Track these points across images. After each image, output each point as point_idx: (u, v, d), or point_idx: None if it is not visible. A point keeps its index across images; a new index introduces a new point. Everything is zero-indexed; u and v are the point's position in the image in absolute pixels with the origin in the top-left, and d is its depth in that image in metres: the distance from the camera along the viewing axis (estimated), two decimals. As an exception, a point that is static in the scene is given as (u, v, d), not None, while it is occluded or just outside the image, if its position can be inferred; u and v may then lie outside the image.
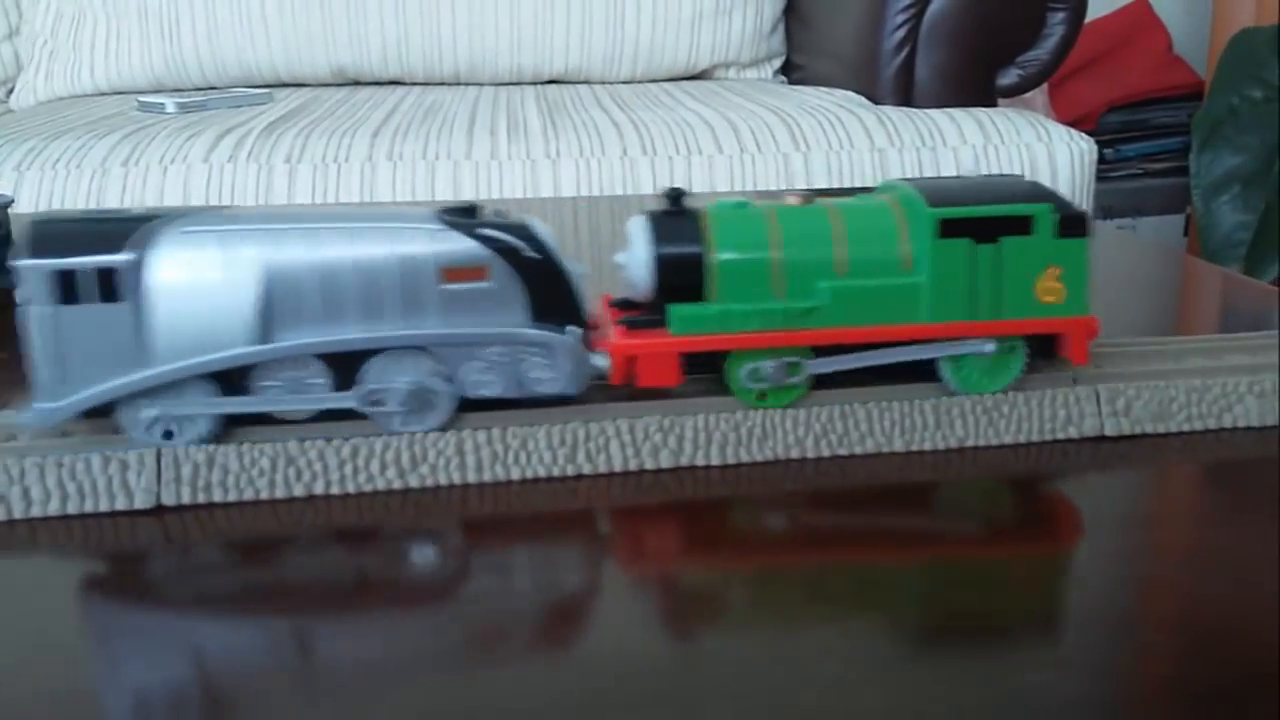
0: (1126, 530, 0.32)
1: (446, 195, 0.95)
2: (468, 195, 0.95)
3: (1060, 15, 1.13)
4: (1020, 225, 0.37)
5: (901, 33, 1.13)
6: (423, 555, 0.30)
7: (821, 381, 0.38)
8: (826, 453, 0.37)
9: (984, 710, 0.24)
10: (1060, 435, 0.38)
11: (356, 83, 1.38)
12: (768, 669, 0.25)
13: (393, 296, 0.34)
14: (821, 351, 0.37)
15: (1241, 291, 0.56)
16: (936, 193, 0.37)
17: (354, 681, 0.25)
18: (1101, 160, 1.65)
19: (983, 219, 0.37)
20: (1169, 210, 1.62)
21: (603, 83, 1.37)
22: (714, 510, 0.33)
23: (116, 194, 0.93)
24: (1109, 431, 0.38)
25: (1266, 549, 0.31)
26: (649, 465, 0.36)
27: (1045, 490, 0.35)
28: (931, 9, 1.12)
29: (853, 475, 0.36)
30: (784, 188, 0.98)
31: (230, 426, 0.35)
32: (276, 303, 0.34)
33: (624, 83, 1.37)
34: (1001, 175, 0.39)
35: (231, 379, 0.34)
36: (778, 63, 1.42)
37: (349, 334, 0.34)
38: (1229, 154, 1.22)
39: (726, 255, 0.37)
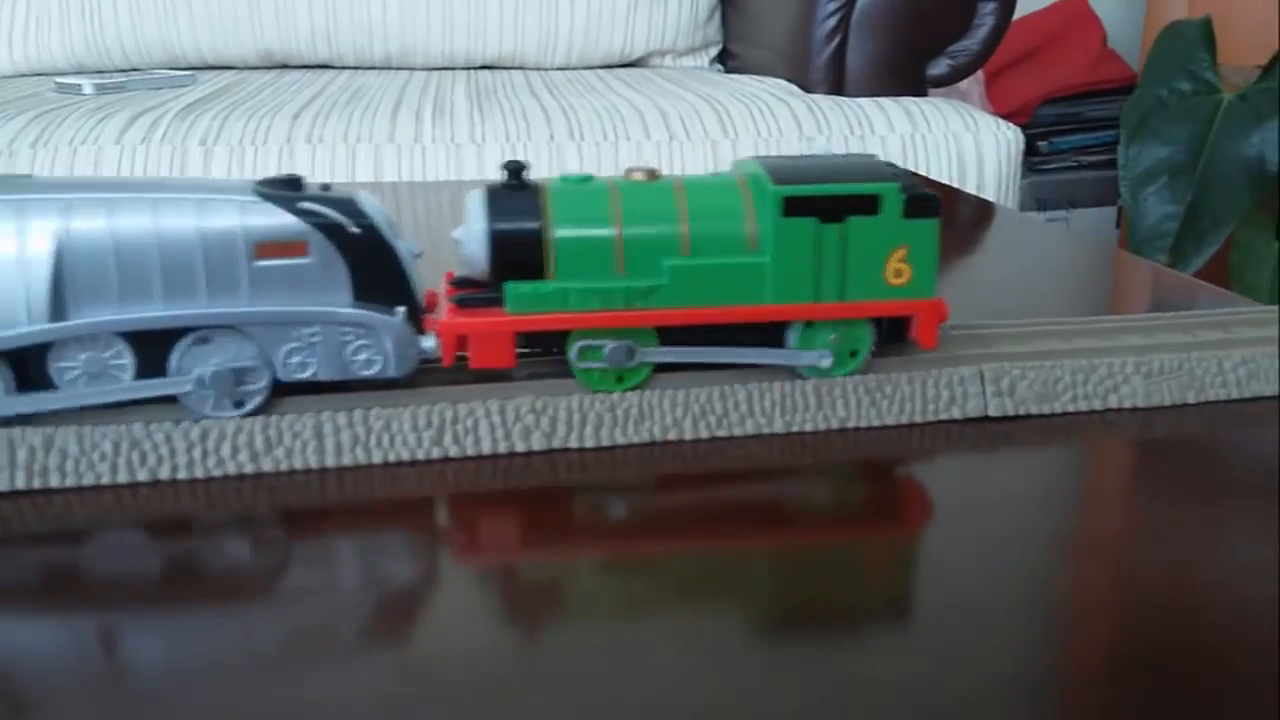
0: (992, 513, 0.31)
1: (368, 178, 0.93)
2: (389, 178, 0.94)
3: (990, 6, 1.13)
4: (867, 205, 0.36)
5: (833, 21, 1.12)
6: (263, 545, 0.29)
7: (667, 365, 0.37)
8: (705, 434, 0.36)
9: (827, 699, 0.23)
10: (944, 416, 0.37)
11: (285, 66, 1.36)
12: (611, 660, 0.24)
13: (201, 272, 0.32)
14: (665, 333, 0.36)
15: (1160, 282, 0.56)
16: (784, 171, 0.36)
17: (170, 681, 0.23)
18: (1036, 153, 1.67)
19: (829, 198, 0.36)
20: (1102, 202, 1.64)
21: (537, 69, 1.36)
22: (577, 495, 0.32)
23: (22, 175, 0.90)
24: (993, 412, 0.38)
25: (1140, 533, 0.30)
26: (520, 448, 0.35)
27: (915, 473, 0.34)
28: (863, -2, 1.12)
29: (730, 458, 0.35)
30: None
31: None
32: (72, 278, 0.31)
33: (558, 69, 1.35)
34: (857, 155, 0.38)
35: (27, 360, 0.32)
36: (714, 51, 1.42)
37: (152, 312, 0.32)
38: (1157, 146, 1.23)
39: (565, 231, 0.35)
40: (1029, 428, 0.37)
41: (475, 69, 1.35)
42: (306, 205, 0.33)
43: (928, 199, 0.36)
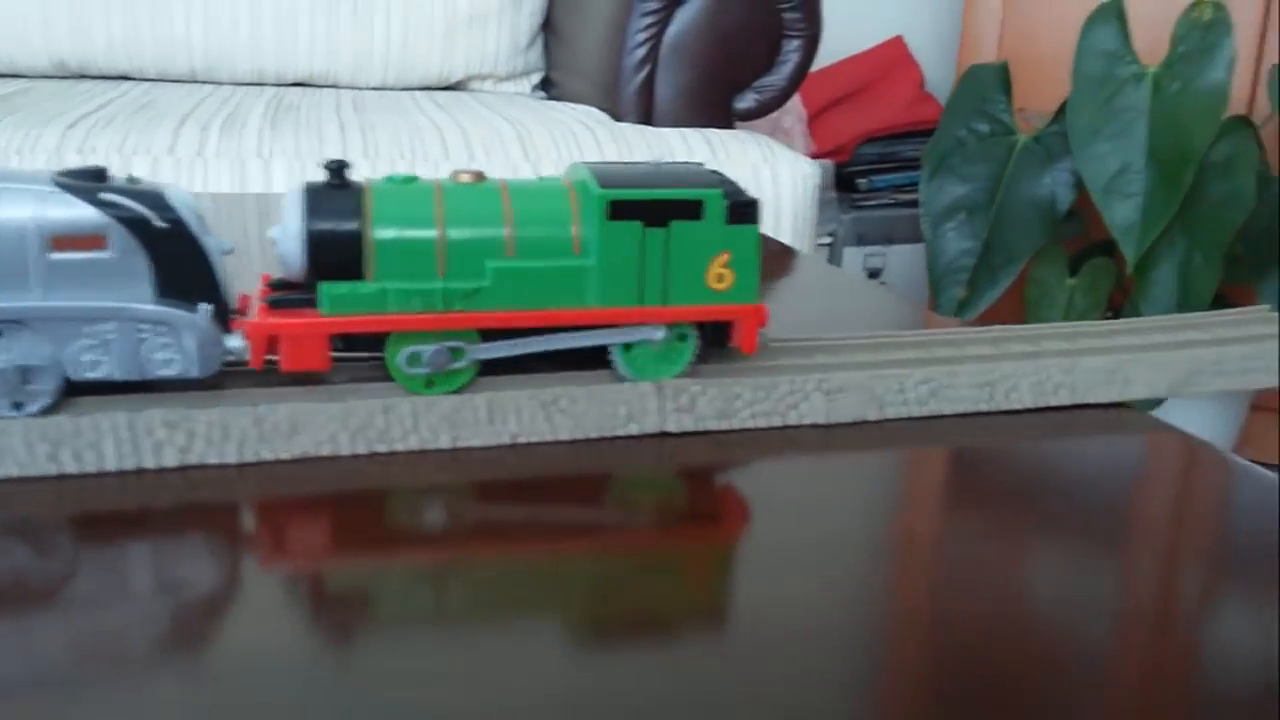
0: (616, 535, 0.31)
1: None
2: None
3: (796, 43, 1.16)
4: (691, 210, 0.36)
5: (642, 52, 1.13)
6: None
7: (490, 367, 0.36)
8: (364, 449, 0.34)
9: None
10: (621, 432, 0.37)
11: (83, 76, 1.29)
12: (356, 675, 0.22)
13: None
14: (491, 336, 0.36)
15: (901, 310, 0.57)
16: (610, 176, 0.36)
17: None
18: (856, 190, 1.72)
19: (653, 202, 0.36)
20: (919, 239, 1.69)
21: (351, 88, 1.33)
22: (352, 503, 0.30)
23: None
24: (671, 428, 0.37)
25: (786, 549, 0.30)
26: (149, 465, 0.32)
27: (563, 492, 0.33)
28: (671, 30, 1.13)
29: (390, 474, 0.33)
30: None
31: None
32: None
33: (373, 89, 1.33)
34: (684, 163, 0.39)
35: None
36: (536, 78, 1.41)
37: None
38: (955, 184, 1.28)
39: (385, 232, 0.34)
40: (705, 443, 0.37)
41: (286, 86, 1.31)
42: (108, 197, 0.32)
43: (749, 205, 0.37)
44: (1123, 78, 1.20)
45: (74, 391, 0.33)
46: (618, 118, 1.15)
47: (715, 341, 0.38)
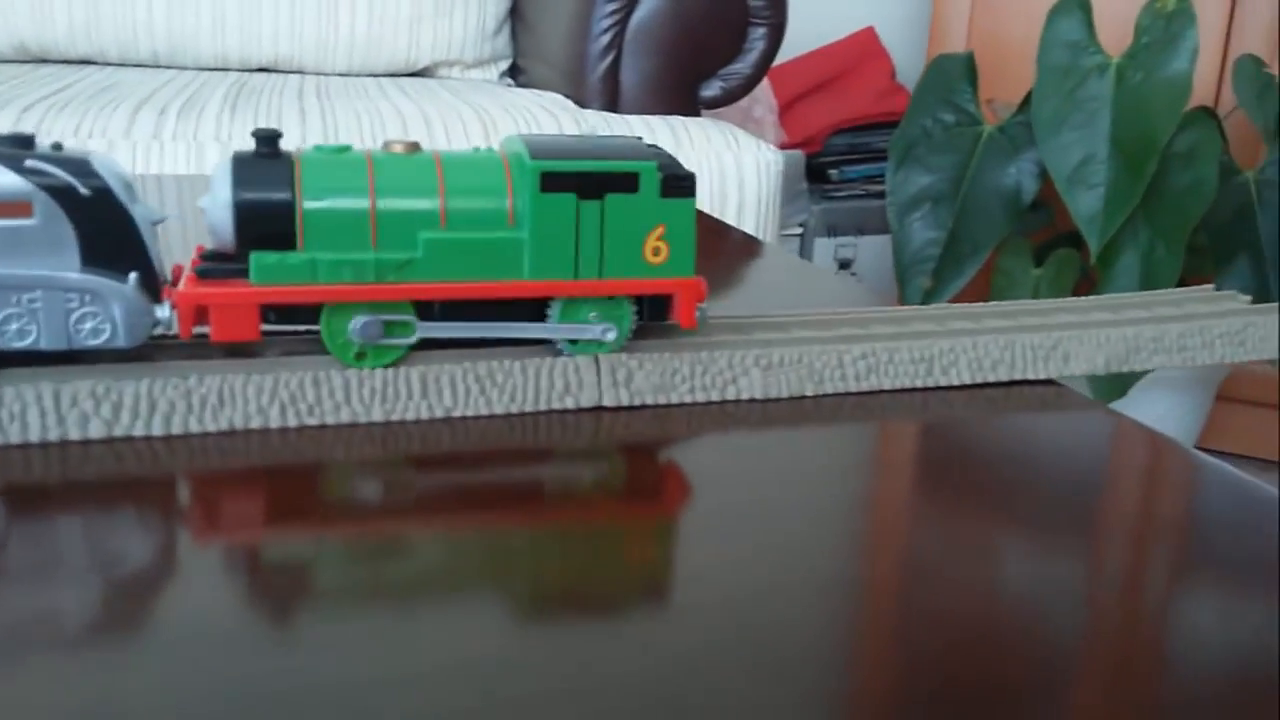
0: (545, 508, 0.31)
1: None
2: (123, 177, 0.89)
3: (761, 31, 1.16)
4: (626, 182, 0.36)
5: (606, 39, 1.13)
6: None
7: (428, 342, 0.36)
8: (294, 423, 0.34)
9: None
10: (557, 406, 0.37)
11: (44, 60, 1.28)
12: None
13: None
14: (427, 310, 0.36)
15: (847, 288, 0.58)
16: (544, 148, 0.36)
17: None
18: (827, 180, 1.72)
19: (587, 174, 0.35)
20: (888, 229, 1.70)
21: (317, 74, 1.32)
22: (282, 477, 0.30)
23: None
24: (608, 402, 0.37)
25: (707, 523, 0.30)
26: (74, 436, 0.32)
27: (498, 466, 0.33)
28: (635, 17, 1.13)
29: (319, 448, 0.33)
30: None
31: None
32: None
33: (339, 75, 1.32)
34: (620, 137, 0.38)
35: None
36: (504, 65, 1.41)
37: None
38: (921, 174, 1.28)
39: (315, 203, 0.34)
40: (642, 418, 0.37)
41: (250, 71, 1.30)
42: (33, 164, 0.31)
43: (684, 178, 0.36)
44: (1086, 68, 1.21)
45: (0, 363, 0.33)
46: (583, 104, 1.15)
47: (653, 316, 0.38)
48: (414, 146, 0.36)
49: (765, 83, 1.70)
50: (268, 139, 0.34)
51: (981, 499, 0.32)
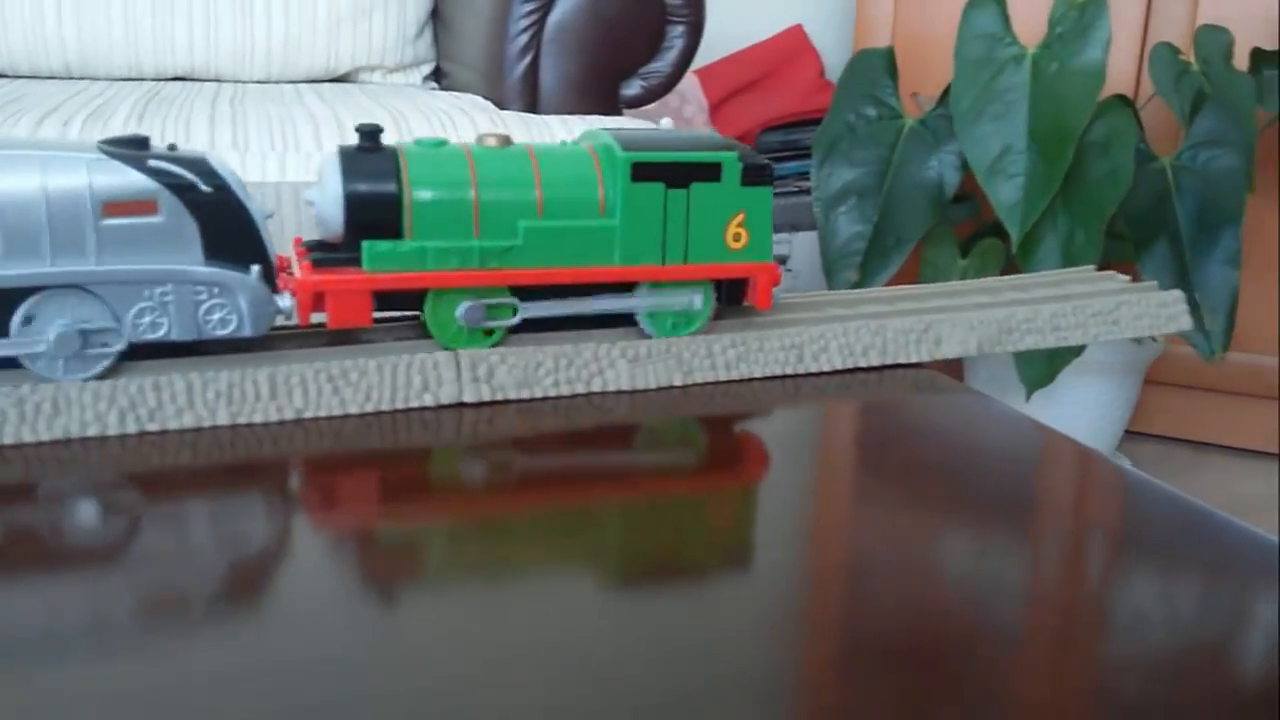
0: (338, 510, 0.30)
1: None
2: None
3: (680, 29, 1.16)
4: (710, 172, 0.38)
5: (524, 39, 1.12)
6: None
7: (518, 326, 0.38)
8: (134, 429, 0.33)
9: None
10: (415, 403, 0.36)
11: (-50, 74, 1.25)
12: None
13: (45, 231, 0.32)
14: (523, 295, 0.37)
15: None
16: (631, 141, 0.38)
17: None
18: (759, 177, 1.72)
19: (674, 164, 0.37)
20: (821, 226, 1.71)
21: (235, 81, 1.30)
22: (111, 489, 0.29)
23: None
24: (468, 398, 0.37)
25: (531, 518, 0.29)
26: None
27: (346, 468, 0.33)
28: (552, 17, 1.12)
29: (170, 452, 0.32)
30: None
31: None
32: None
33: (257, 83, 1.30)
34: (697, 130, 0.40)
35: None
36: (427, 69, 1.40)
37: None
38: (845, 168, 1.29)
39: (423, 193, 0.35)
40: (505, 413, 0.36)
41: (165, 80, 1.28)
42: (155, 164, 0.33)
43: (764, 168, 0.39)
44: (1003, 59, 1.22)
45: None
46: (502, 106, 1.14)
47: (730, 300, 0.40)
48: (505, 140, 0.38)
49: (695, 81, 1.70)
50: (370, 133, 0.36)
51: (846, 482, 0.32)
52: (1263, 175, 1.46)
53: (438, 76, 1.41)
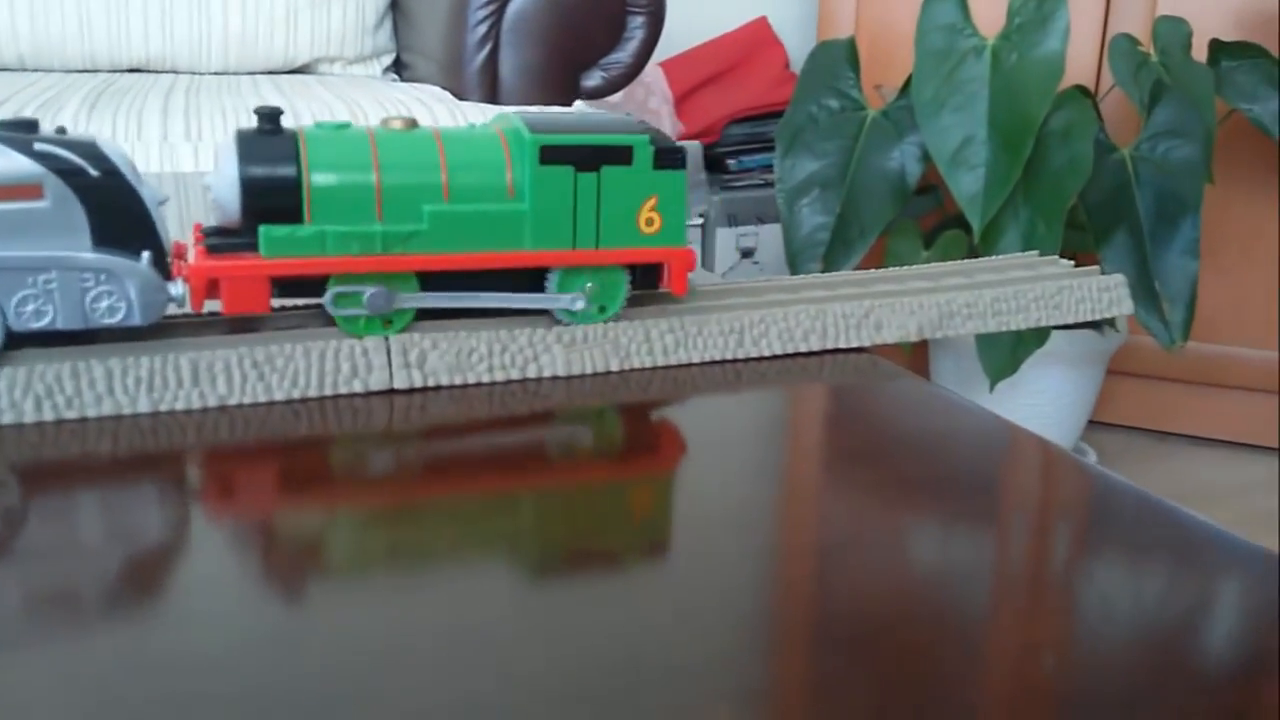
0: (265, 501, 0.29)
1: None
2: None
3: (640, 19, 1.15)
4: (621, 155, 0.37)
5: (483, 29, 1.12)
6: None
7: (427, 313, 0.37)
8: (51, 417, 0.32)
9: None
10: (344, 390, 0.36)
11: (-101, 65, 1.23)
12: None
13: None
14: (427, 281, 0.37)
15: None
16: (540, 123, 0.37)
17: None
18: (726, 170, 1.72)
19: (584, 147, 0.37)
20: (787, 218, 1.71)
21: (191, 73, 1.28)
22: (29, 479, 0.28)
23: None
24: (399, 385, 0.36)
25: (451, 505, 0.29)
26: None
27: (268, 458, 0.32)
28: (511, 8, 1.12)
29: (83, 443, 0.32)
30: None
31: None
32: None
33: (214, 74, 1.29)
34: (609, 113, 0.40)
35: None
36: (387, 60, 1.39)
37: None
38: (809, 160, 1.29)
39: (323, 177, 0.34)
40: (437, 400, 0.36)
41: (122, 72, 1.27)
42: (42, 148, 0.32)
43: (676, 151, 0.38)
44: (963, 50, 1.22)
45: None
46: (461, 97, 1.13)
47: (644, 285, 0.39)
48: (411, 123, 0.37)
49: (660, 74, 1.70)
50: (269, 116, 0.35)
51: (780, 467, 0.31)
52: (1221, 166, 1.47)
53: (398, 68, 1.40)
